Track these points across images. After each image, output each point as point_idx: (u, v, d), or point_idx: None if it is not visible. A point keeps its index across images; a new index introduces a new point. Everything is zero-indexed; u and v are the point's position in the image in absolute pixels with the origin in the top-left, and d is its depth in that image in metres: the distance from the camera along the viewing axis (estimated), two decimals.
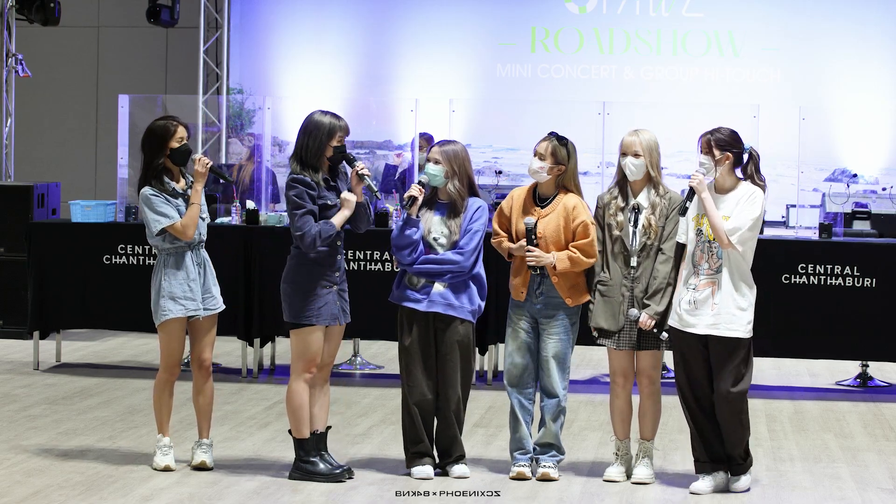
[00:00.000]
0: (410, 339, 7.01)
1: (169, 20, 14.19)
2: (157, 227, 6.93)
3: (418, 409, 7.01)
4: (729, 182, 6.86)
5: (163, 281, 7.00)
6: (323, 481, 6.88)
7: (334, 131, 6.85)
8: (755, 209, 6.76)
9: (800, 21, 14.20)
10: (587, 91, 14.17)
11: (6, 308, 11.62)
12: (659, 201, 6.95)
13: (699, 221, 6.85)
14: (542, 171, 7.00)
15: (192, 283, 7.02)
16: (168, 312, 6.99)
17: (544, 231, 6.96)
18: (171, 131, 7.00)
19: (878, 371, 10.41)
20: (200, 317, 7.06)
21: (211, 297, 7.11)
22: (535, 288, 7.00)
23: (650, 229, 6.94)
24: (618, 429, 7.12)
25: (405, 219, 6.96)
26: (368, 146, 13.81)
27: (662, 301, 6.92)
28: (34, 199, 11.62)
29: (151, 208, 6.94)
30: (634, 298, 6.95)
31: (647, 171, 6.95)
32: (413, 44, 14.70)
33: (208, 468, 7.07)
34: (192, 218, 6.97)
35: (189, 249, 7.04)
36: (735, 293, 6.77)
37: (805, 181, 11.65)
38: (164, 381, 7.11)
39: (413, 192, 6.96)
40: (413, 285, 7.02)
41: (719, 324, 6.75)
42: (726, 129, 6.87)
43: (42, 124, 15.47)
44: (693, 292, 6.80)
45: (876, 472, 7.48)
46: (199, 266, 7.07)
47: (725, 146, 6.81)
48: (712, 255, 6.80)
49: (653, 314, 6.90)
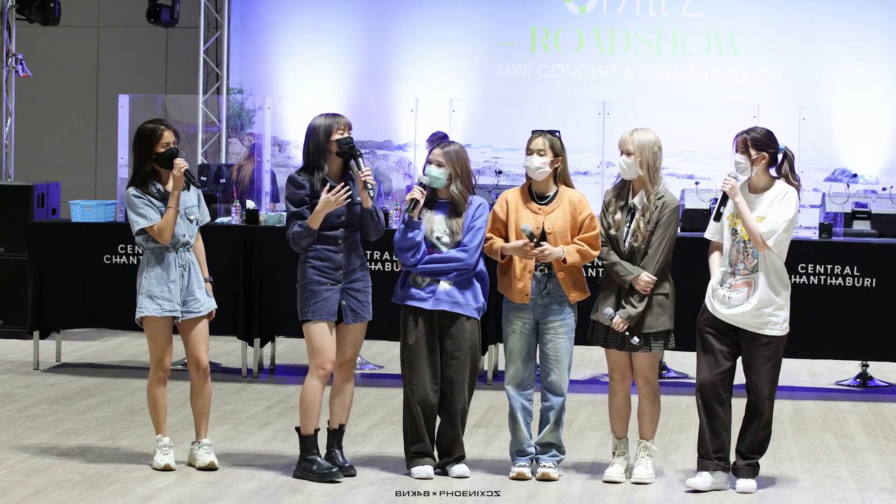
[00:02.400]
0: (415, 338, 7.00)
1: (169, 20, 14.19)
2: (136, 227, 7.05)
3: (421, 408, 7.01)
4: (763, 181, 6.88)
5: (143, 279, 7.08)
6: (316, 480, 6.91)
7: (331, 128, 6.91)
8: (789, 210, 6.79)
9: (800, 21, 14.19)
10: (587, 91, 14.17)
11: (6, 308, 11.62)
12: (649, 205, 6.93)
13: (734, 221, 6.87)
14: (545, 166, 6.99)
15: (171, 285, 7.05)
16: (143, 309, 7.07)
17: (553, 227, 6.95)
18: (158, 135, 7.05)
19: (878, 371, 10.41)
20: (178, 319, 7.09)
21: (194, 299, 7.13)
22: (542, 289, 6.99)
23: (638, 232, 6.94)
24: (615, 427, 7.12)
25: (407, 221, 6.96)
26: (368, 146, 13.81)
27: (641, 302, 6.91)
28: (34, 199, 11.61)
29: (133, 209, 7.04)
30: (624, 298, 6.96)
31: (640, 172, 6.94)
32: (413, 44, 14.70)
33: (216, 468, 7.08)
34: (168, 222, 7.02)
35: (171, 251, 7.07)
36: (771, 292, 6.81)
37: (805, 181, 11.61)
38: (152, 380, 7.15)
39: (415, 195, 6.97)
40: (418, 284, 7.02)
41: (756, 321, 6.80)
42: (762, 129, 6.90)
43: (42, 124, 15.47)
44: (729, 291, 6.83)
45: (876, 472, 7.48)
46: (181, 268, 7.10)
47: (762, 146, 6.83)
48: (748, 255, 6.84)
49: (626, 317, 6.90)
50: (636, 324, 6.92)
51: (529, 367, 7.08)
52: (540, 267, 6.96)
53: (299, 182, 6.90)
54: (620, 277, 6.93)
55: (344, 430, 7.13)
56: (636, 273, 6.89)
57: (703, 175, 11.78)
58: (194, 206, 7.20)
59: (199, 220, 7.24)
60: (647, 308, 6.92)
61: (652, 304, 6.93)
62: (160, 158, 7.06)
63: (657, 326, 6.94)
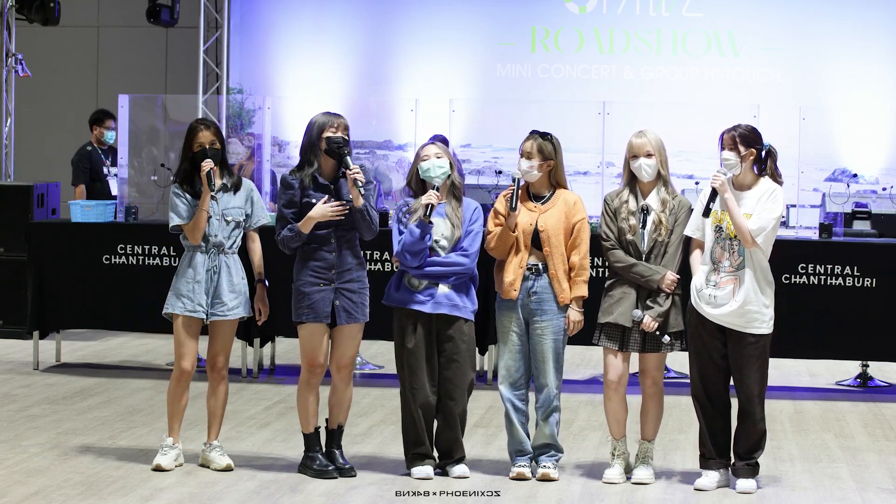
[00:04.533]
0: (414, 342, 6.99)
1: (169, 20, 14.20)
2: (170, 223, 7.13)
3: (422, 411, 7.01)
4: (749, 179, 6.88)
5: (175, 275, 7.16)
6: (314, 476, 6.95)
7: (325, 125, 6.92)
8: (778, 208, 6.80)
9: (800, 21, 14.19)
10: (587, 91, 14.17)
11: (6, 308, 11.61)
12: (670, 199, 6.95)
13: (718, 218, 6.85)
14: (532, 169, 7.02)
15: (196, 285, 7.06)
16: (168, 306, 7.14)
17: (545, 225, 6.97)
18: (195, 134, 7.12)
19: (878, 371, 10.41)
20: (205, 320, 7.10)
21: (220, 303, 7.12)
22: (530, 287, 7.01)
23: (661, 226, 6.93)
24: (613, 429, 7.12)
25: (423, 226, 6.92)
26: (368, 146, 13.81)
27: (667, 301, 6.91)
28: (34, 199, 11.61)
29: (172, 206, 7.14)
30: (641, 299, 6.95)
31: (659, 171, 6.97)
32: (413, 44, 14.70)
33: (233, 469, 7.09)
34: (196, 222, 7.05)
35: (202, 251, 7.07)
36: (757, 289, 6.80)
37: (805, 181, 11.66)
38: (174, 379, 7.15)
39: (431, 200, 6.94)
40: (415, 287, 7.01)
41: (742, 319, 6.79)
42: (748, 126, 6.90)
43: (42, 124, 15.47)
44: (714, 289, 6.82)
45: (876, 472, 7.48)
46: (210, 270, 7.09)
47: (750, 142, 6.84)
48: (734, 252, 6.82)
49: (656, 316, 6.89)
50: (662, 323, 6.93)
51: (522, 367, 7.08)
52: (530, 266, 6.98)
53: (289, 183, 6.93)
54: (645, 278, 6.90)
55: (343, 430, 7.14)
56: (663, 272, 6.89)
57: (703, 175, 11.76)
58: (236, 209, 7.16)
59: (241, 222, 7.18)
60: (672, 306, 6.94)
61: (674, 302, 6.95)
62: (193, 159, 7.10)
63: (677, 326, 6.96)
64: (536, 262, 7.00)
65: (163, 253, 10.06)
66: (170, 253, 10.00)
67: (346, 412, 7.13)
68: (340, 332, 7.00)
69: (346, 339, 7.02)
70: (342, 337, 7.01)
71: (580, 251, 6.98)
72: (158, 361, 10.58)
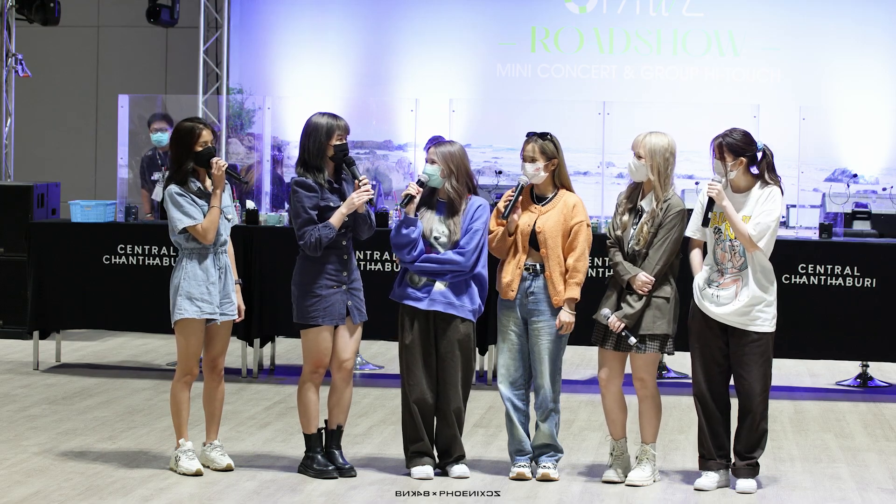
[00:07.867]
0: (411, 338, 7.03)
1: (169, 20, 14.19)
2: (180, 225, 6.95)
3: (418, 407, 7.02)
4: (745, 181, 6.89)
5: (182, 280, 6.98)
6: (314, 476, 6.96)
7: (332, 130, 6.92)
8: (776, 209, 6.81)
9: (800, 21, 14.19)
10: (587, 91, 14.16)
11: (6, 308, 11.62)
12: (656, 209, 6.92)
13: (717, 221, 6.86)
14: (538, 172, 7.02)
15: (210, 287, 7.01)
16: (183, 311, 6.96)
17: (543, 226, 6.98)
18: (196, 134, 7.03)
19: (878, 371, 10.41)
20: (218, 321, 7.06)
21: (229, 302, 7.11)
22: (527, 288, 7.02)
23: (640, 235, 6.93)
24: (611, 428, 7.12)
25: (403, 218, 6.99)
26: (368, 146, 13.80)
27: (638, 302, 6.90)
28: (34, 199, 11.61)
29: (177, 207, 6.95)
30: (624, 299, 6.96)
31: (649, 176, 6.94)
32: (413, 44, 14.69)
33: (233, 469, 7.09)
34: (213, 222, 6.99)
35: (212, 252, 7.05)
36: (759, 289, 6.81)
37: (805, 181, 11.65)
38: (178, 383, 7.05)
39: (410, 191, 6.99)
40: (414, 284, 7.04)
41: (745, 318, 6.80)
42: (739, 132, 6.87)
43: (42, 124, 15.47)
44: (718, 290, 6.83)
45: (876, 472, 7.48)
46: (219, 270, 7.07)
47: (738, 151, 6.83)
48: (735, 253, 6.85)
49: (622, 316, 6.89)
50: (634, 324, 6.91)
51: (521, 366, 7.09)
52: (527, 266, 6.98)
53: (311, 185, 6.88)
54: (620, 276, 6.94)
55: (342, 430, 7.14)
56: (634, 272, 6.89)
57: (703, 175, 11.76)
58: (230, 206, 7.18)
59: (232, 219, 7.22)
60: (644, 308, 6.91)
61: (651, 305, 6.92)
62: (198, 157, 7.04)
63: (654, 329, 6.92)
64: (534, 262, 7.01)
65: (163, 253, 10.06)
66: (170, 253, 10.00)
67: (345, 413, 7.13)
68: (344, 332, 7.02)
69: (352, 338, 7.04)
70: (346, 336, 7.03)
71: (575, 254, 6.98)
72: (158, 361, 10.58)
